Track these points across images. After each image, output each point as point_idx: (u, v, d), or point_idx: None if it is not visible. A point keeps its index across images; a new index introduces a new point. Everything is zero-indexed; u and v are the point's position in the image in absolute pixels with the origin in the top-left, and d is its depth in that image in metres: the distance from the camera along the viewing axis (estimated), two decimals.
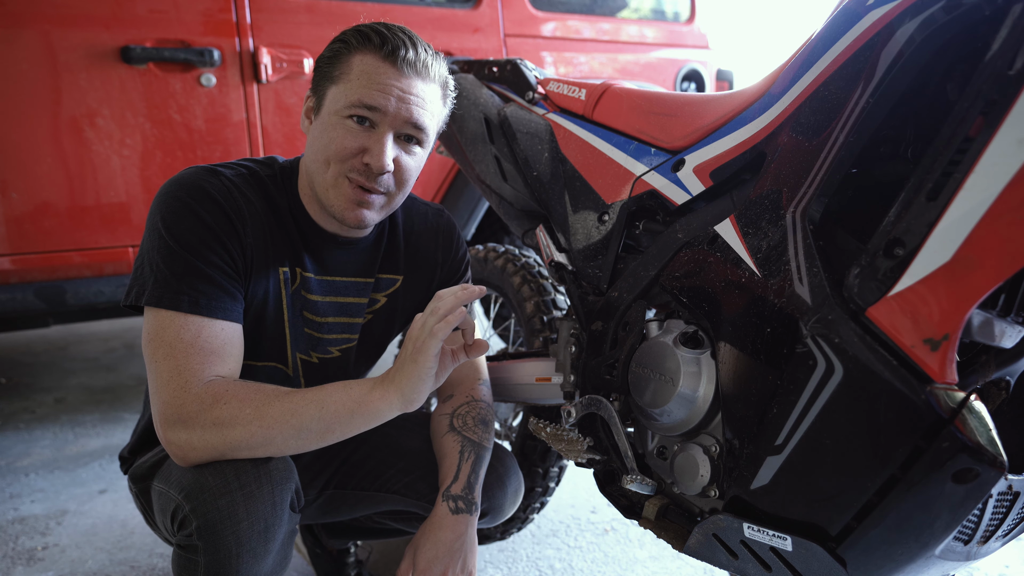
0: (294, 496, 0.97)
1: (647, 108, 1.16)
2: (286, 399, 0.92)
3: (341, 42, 1.03)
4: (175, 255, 0.95)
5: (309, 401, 0.92)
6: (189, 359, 0.92)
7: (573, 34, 2.67)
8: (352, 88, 1.00)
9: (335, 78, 1.02)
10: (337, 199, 1.03)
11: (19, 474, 2.13)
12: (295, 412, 0.91)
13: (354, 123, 1.00)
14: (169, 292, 0.94)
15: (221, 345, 0.96)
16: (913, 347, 0.71)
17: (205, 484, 0.89)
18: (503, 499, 1.23)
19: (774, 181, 0.89)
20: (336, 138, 1.00)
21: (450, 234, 1.27)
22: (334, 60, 1.03)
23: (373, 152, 1.00)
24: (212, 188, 1.00)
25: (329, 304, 1.14)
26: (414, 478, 1.21)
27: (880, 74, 0.77)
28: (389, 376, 0.94)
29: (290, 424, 0.91)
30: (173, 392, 0.91)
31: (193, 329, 0.94)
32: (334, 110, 1.01)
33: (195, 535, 0.89)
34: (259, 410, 0.91)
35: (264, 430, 0.90)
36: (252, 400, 0.91)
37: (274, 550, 0.94)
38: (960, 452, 0.68)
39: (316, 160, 1.03)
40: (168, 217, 0.97)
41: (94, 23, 1.94)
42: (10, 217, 1.92)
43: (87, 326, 3.95)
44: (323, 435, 0.93)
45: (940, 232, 0.69)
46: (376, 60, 1.00)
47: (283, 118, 2.20)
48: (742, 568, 0.91)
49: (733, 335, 0.90)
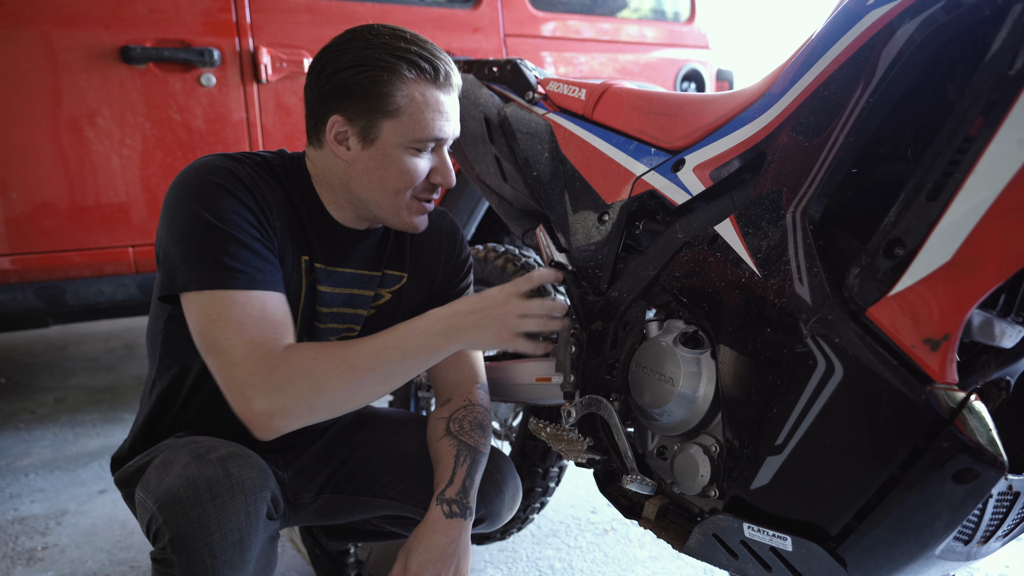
0: (270, 504, 0.96)
1: (647, 108, 1.16)
2: (367, 346, 0.99)
3: (385, 70, 1.00)
4: (220, 234, 0.95)
5: (390, 348, 0.99)
6: (263, 331, 0.94)
7: (573, 34, 2.67)
8: (418, 124, 1.03)
9: (391, 112, 1.01)
10: (409, 217, 1.11)
11: (19, 474, 2.13)
12: (380, 358, 0.98)
13: (418, 151, 1.06)
14: (225, 272, 0.94)
15: (284, 315, 0.99)
16: (913, 347, 0.71)
17: (177, 495, 0.88)
18: (500, 505, 1.23)
19: (774, 181, 0.89)
20: (409, 170, 1.05)
21: (454, 235, 1.28)
22: (383, 91, 1.00)
23: (442, 172, 1.09)
24: (239, 172, 1.01)
25: (336, 295, 1.14)
26: (411, 484, 1.21)
27: (880, 74, 0.77)
28: (455, 322, 1.02)
29: (379, 371, 0.98)
30: (258, 362, 0.92)
31: (257, 304, 0.95)
32: (398, 143, 1.03)
33: (168, 548, 0.88)
34: (347, 361, 0.96)
35: (356, 378, 0.96)
36: (337, 354, 0.96)
37: (252, 559, 0.93)
38: (960, 452, 0.68)
39: (381, 189, 1.07)
40: (205, 200, 0.96)
41: (94, 23, 1.94)
42: (10, 217, 1.92)
43: (87, 326, 3.95)
44: (406, 375, 1.02)
45: (940, 232, 0.69)
46: (432, 90, 1.03)
47: (283, 118, 2.20)
48: (742, 568, 0.91)
49: (733, 335, 0.90)
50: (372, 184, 1.06)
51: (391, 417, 1.36)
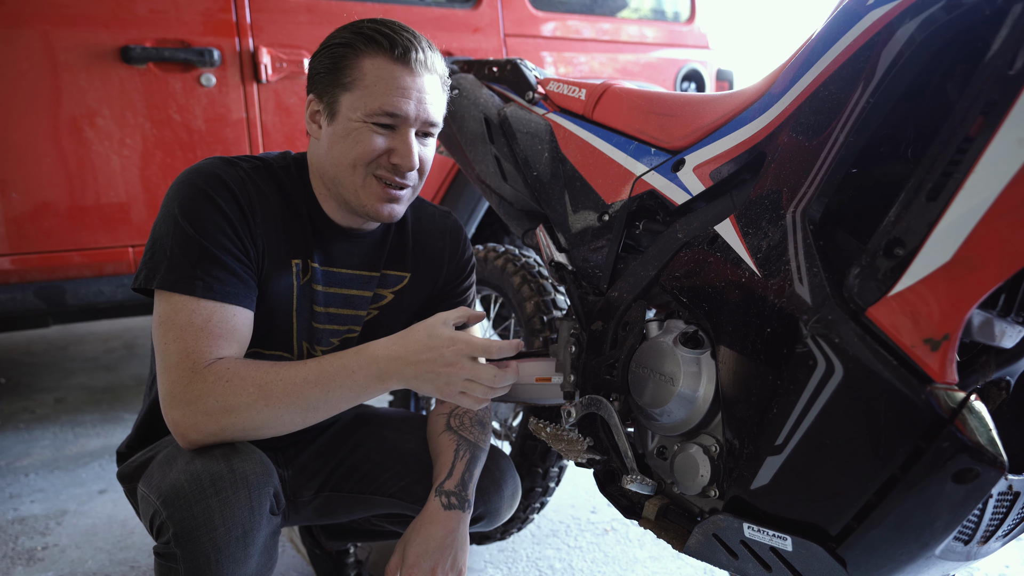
0: (273, 500, 0.96)
1: (647, 108, 1.16)
2: (289, 375, 0.94)
3: (344, 45, 1.03)
4: (190, 241, 0.96)
5: (312, 383, 0.94)
6: (198, 342, 0.93)
7: (573, 34, 2.67)
8: (371, 96, 1.01)
9: (346, 84, 1.02)
10: (368, 199, 1.07)
11: (19, 474, 2.13)
12: (300, 393, 0.93)
13: (377, 127, 1.03)
14: (183, 277, 0.95)
15: (231, 330, 0.97)
16: (913, 347, 0.71)
17: (181, 490, 0.89)
18: (499, 503, 1.23)
19: (774, 181, 0.89)
20: (361, 142, 1.03)
21: (457, 236, 1.29)
22: (340, 65, 1.03)
23: (400, 152, 1.05)
24: (228, 178, 1.02)
25: (333, 295, 1.15)
26: (410, 481, 1.21)
27: (880, 74, 0.77)
28: (394, 368, 0.96)
29: (296, 405, 0.93)
30: (181, 373, 0.92)
31: (204, 313, 0.95)
32: (354, 117, 1.02)
33: (172, 543, 0.88)
34: (262, 389, 0.92)
35: (269, 409, 0.92)
36: (254, 379, 0.92)
37: (255, 554, 0.93)
38: (960, 452, 0.68)
39: (340, 164, 1.05)
40: (185, 204, 0.98)
41: (94, 23, 1.94)
42: (10, 217, 1.91)
43: (87, 326, 3.95)
44: (332, 411, 0.97)
45: (940, 232, 0.69)
46: (388, 63, 1.02)
47: (283, 118, 2.20)
48: (742, 568, 0.91)
49: (733, 335, 0.90)
50: (334, 159, 1.06)
51: (391, 416, 1.37)
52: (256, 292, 1.04)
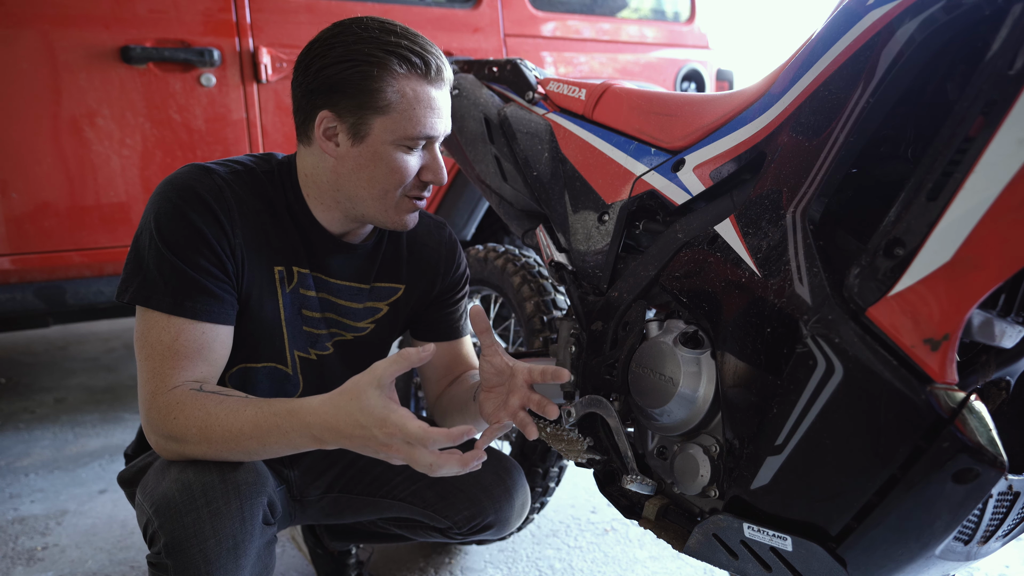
0: (267, 509, 0.95)
1: (647, 108, 1.16)
2: (230, 421, 0.89)
3: (373, 64, 0.97)
4: (163, 257, 0.95)
5: (248, 436, 0.89)
6: (164, 362, 0.93)
7: (573, 34, 2.67)
8: (409, 121, 1.00)
9: (381, 108, 0.98)
10: (399, 216, 1.08)
11: (19, 474, 2.13)
12: (237, 442, 0.89)
13: (411, 150, 1.03)
14: (155, 293, 0.95)
15: (198, 348, 0.96)
16: (913, 347, 0.71)
17: (172, 500, 0.88)
18: (510, 512, 1.23)
19: (774, 181, 0.89)
20: (399, 168, 1.03)
21: (453, 248, 1.27)
22: (372, 87, 0.98)
23: (433, 169, 1.06)
24: (202, 188, 0.99)
25: (324, 301, 1.14)
26: (421, 486, 1.20)
27: (880, 74, 0.77)
28: (329, 437, 0.86)
29: (236, 451, 0.90)
30: (146, 394, 0.93)
31: (173, 331, 0.94)
32: (389, 141, 1.01)
33: (163, 553, 0.88)
34: (204, 432, 0.89)
35: (212, 449, 0.90)
36: (197, 418, 0.89)
37: (247, 564, 0.92)
38: (960, 452, 0.68)
39: (368, 187, 1.04)
40: (159, 219, 0.97)
41: (94, 23, 1.94)
42: (10, 217, 1.91)
43: (87, 326, 3.95)
44: (274, 455, 0.91)
45: (940, 232, 0.69)
46: (424, 85, 1.00)
47: (283, 118, 2.20)
48: (742, 568, 0.91)
49: (733, 335, 0.90)
50: (362, 182, 1.04)
51: None
52: (235, 306, 1.02)
